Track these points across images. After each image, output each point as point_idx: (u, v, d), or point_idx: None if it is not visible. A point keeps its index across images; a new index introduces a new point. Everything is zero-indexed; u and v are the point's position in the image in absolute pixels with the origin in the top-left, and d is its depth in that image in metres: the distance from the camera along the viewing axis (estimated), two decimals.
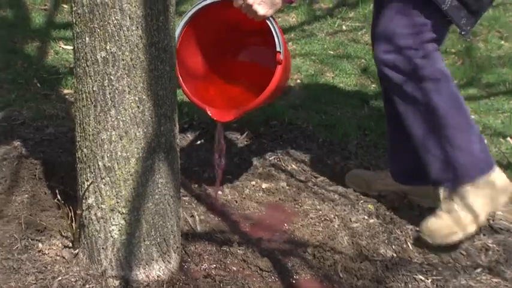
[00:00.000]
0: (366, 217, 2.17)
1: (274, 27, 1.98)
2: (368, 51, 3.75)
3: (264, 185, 2.34)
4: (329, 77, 3.44)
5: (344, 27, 4.13)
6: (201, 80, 2.23)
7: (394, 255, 1.98)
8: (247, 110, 2.06)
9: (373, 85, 3.34)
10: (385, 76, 1.99)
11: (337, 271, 1.87)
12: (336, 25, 4.21)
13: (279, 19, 4.27)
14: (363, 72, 3.50)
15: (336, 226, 2.10)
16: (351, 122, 2.86)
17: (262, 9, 1.93)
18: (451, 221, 1.97)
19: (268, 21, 1.97)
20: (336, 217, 2.15)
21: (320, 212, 2.17)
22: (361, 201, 2.27)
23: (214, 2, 2.00)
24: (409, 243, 2.04)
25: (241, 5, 1.94)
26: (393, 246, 2.01)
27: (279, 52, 1.98)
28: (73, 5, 1.57)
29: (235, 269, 1.83)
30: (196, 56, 2.21)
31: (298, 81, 3.37)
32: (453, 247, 2.01)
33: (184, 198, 2.16)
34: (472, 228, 1.97)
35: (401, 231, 2.09)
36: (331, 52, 3.78)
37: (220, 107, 2.12)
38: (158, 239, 1.74)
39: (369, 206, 2.25)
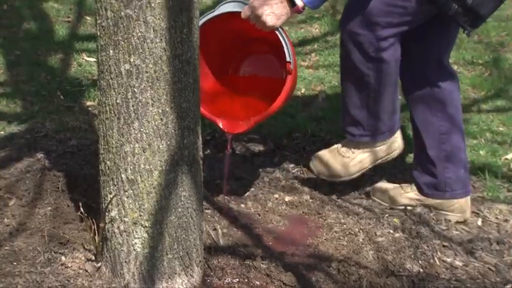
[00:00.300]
0: (391, 231, 2.15)
1: (283, 37, 1.98)
2: None
3: (287, 198, 2.33)
4: None
5: None
6: (208, 91, 2.23)
7: (421, 270, 1.95)
8: (258, 120, 2.06)
9: (399, 97, 3.31)
10: (346, 47, 2.13)
11: (362, 286, 1.85)
12: None
13: (302, 30, 4.28)
14: None
15: (361, 240, 2.08)
16: None
17: (271, 20, 1.93)
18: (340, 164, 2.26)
19: (277, 32, 1.97)
20: (361, 231, 2.12)
21: (344, 225, 2.15)
22: (386, 214, 2.25)
23: (220, 14, 2.00)
24: (436, 258, 2.01)
25: (249, 16, 1.94)
26: (420, 261, 1.99)
27: (289, 62, 1.98)
28: (97, 18, 1.58)
29: (258, 283, 1.82)
30: (202, 67, 2.21)
31: (322, 92, 3.35)
32: None
33: (206, 211, 2.16)
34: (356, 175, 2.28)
35: (427, 246, 2.06)
36: None
37: (229, 118, 2.12)
38: (181, 253, 1.74)
39: (394, 219, 2.22)
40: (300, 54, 3.86)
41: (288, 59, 1.98)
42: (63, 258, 1.80)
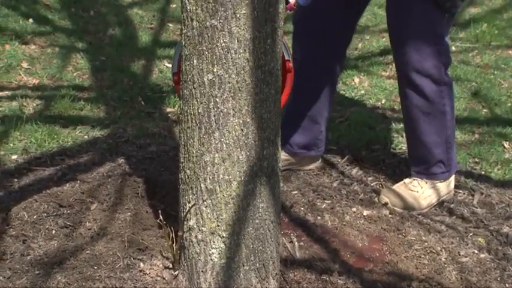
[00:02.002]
0: (476, 251, 2.07)
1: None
2: (479, 73, 3.61)
3: (365, 212, 2.28)
4: None
5: (453, 48, 3.99)
6: None
7: None
8: None
9: (485, 110, 3.20)
10: (415, 84, 2.23)
11: None
12: None
13: (383, 39, 4.20)
14: (474, 96, 3.36)
15: (443, 260, 2.01)
16: (460, 149, 2.75)
17: None
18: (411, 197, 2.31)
19: None
20: (443, 250, 2.06)
21: (426, 243, 2.09)
22: (471, 233, 2.17)
23: None
24: None
25: None
26: (507, 285, 1.90)
27: (288, 60, 1.94)
28: (183, 28, 1.60)
29: None
30: None
31: None
32: None
33: (283, 223, 2.14)
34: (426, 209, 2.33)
35: None
36: None
37: None
38: (257, 265, 1.73)
39: (479, 239, 2.14)
40: (381, 64, 3.79)
41: (286, 57, 1.94)
42: (141, 264, 1.83)
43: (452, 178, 2.40)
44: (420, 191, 2.32)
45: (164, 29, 4.19)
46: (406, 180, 2.38)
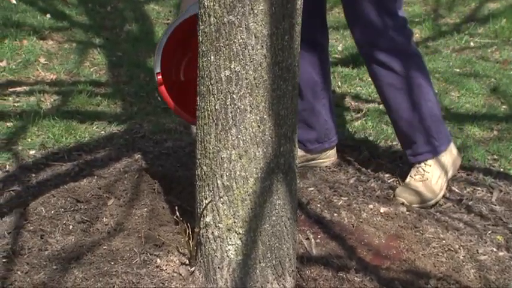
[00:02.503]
0: (494, 249, 2.04)
1: None
2: (498, 69, 3.57)
3: (382, 209, 2.26)
4: (454, 96, 3.31)
5: (472, 43, 3.96)
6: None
7: None
8: None
9: (504, 106, 3.17)
10: (380, 62, 2.21)
11: None
12: (463, 41, 4.05)
13: None
14: (492, 92, 3.33)
15: (461, 258, 1.99)
16: (478, 146, 2.72)
17: None
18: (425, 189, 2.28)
19: None
20: (461, 248, 2.04)
21: (443, 241, 2.07)
22: (489, 231, 2.15)
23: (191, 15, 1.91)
24: None
25: None
26: None
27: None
28: (200, 24, 1.60)
29: None
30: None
31: None
32: None
33: (299, 220, 2.14)
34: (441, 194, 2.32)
35: None
36: (457, 70, 3.63)
37: None
38: (274, 262, 1.73)
39: (498, 237, 2.12)
40: None
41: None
42: (158, 260, 1.83)
43: (452, 147, 2.37)
44: (429, 175, 2.30)
45: None
46: (412, 172, 2.36)
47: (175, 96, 2.05)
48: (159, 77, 1.94)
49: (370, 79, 3.43)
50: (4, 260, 1.86)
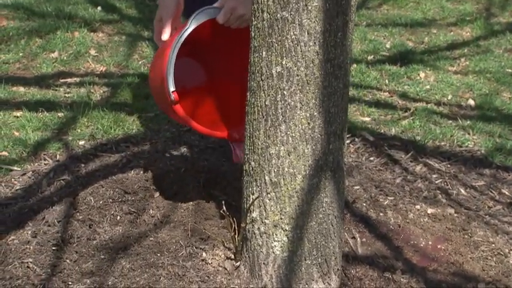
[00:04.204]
0: None
1: None
2: None
3: (429, 210, 2.23)
4: (505, 97, 3.23)
5: None
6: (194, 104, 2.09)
7: None
8: None
9: None
10: None
11: None
12: None
13: (451, 33, 4.10)
14: None
15: (511, 262, 1.94)
16: None
17: (245, 11, 1.85)
18: None
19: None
20: (511, 252, 1.99)
21: (493, 245, 2.02)
22: None
23: (191, 28, 1.85)
24: None
25: (228, 18, 1.87)
26: None
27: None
28: (253, 19, 1.59)
29: None
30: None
31: (470, 100, 3.19)
32: None
33: (345, 218, 2.12)
34: None
35: None
36: (509, 70, 3.54)
37: (228, 125, 2.04)
38: (319, 259, 1.72)
39: None
40: (448, 58, 3.69)
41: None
42: (204, 254, 1.84)
43: None
44: None
45: None
46: None
47: (191, 112, 1.99)
48: (174, 96, 1.85)
49: (418, 78, 3.41)
50: (54, 248, 1.89)
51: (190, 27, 1.85)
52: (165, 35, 1.96)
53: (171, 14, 1.98)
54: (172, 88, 1.84)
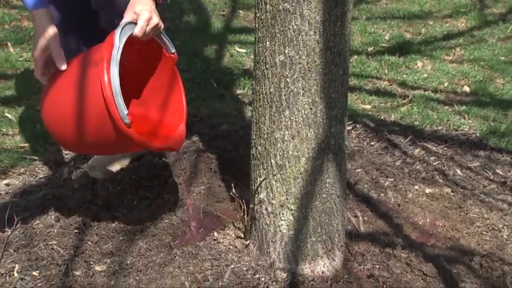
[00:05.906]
0: None
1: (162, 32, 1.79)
2: None
3: (427, 190, 2.24)
4: (499, 83, 3.22)
5: None
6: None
7: None
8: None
9: None
10: None
11: (506, 283, 1.74)
12: (509, 30, 3.93)
13: (447, 24, 4.09)
14: None
15: (505, 236, 1.95)
16: None
17: (160, 20, 1.76)
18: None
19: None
20: (505, 227, 2.00)
21: (488, 221, 2.03)
22: None
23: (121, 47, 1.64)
24: None
25: (145, 30, 1.70)
26: None
27: (174, 52, 1.82)
28: (257, 11, 1.60)
29: (398, 271, 1.77)
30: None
31: (465, 87, 3.19)
32: None
33: (348, 199, 2.13)
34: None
35: None
36: (502, 58, 3.53)
37: (164, 134, 1.87)
38: (324, 237, 1.73)
39: None
40: (444, 48, 3.69)
41: (172, 50, 1.82)
42: (215, 234, 1.86)
43: None
44: None
45: (235, 15, 4.20)
46: None
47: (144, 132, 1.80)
48: (129, 118, 1.60)
49: (416, 67, 3.41)
50: (76, 231, 1.91)
51: (121, 45, 1.63)
52: (63, 65, 1.70)
53: (58, 40, 1.73)
54: (125, 110, 1.59)
